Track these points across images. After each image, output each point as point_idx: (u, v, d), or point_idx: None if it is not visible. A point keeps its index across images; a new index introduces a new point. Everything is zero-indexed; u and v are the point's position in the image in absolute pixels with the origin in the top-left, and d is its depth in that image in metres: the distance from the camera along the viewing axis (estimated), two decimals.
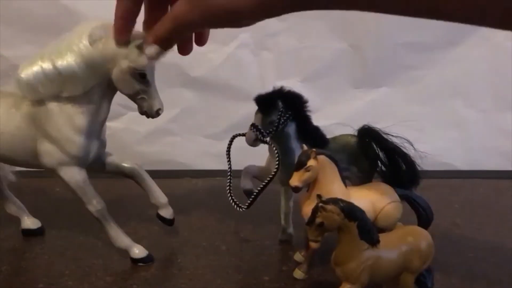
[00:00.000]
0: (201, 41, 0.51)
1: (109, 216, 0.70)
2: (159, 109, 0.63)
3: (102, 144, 0.70)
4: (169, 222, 0.76)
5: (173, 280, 0.70)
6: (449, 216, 0.91)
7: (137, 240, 0.75)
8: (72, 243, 0.79)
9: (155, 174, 0.76)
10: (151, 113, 0.64)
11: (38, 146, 0.66)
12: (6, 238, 0.81)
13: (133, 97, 0.63)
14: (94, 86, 0.63)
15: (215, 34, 1.18)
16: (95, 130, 0.66)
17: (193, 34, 0.49)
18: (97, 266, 0.72)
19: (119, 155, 0.73)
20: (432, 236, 0.61)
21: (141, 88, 0.62)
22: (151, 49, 0.47)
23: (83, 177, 0.67)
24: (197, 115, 1.20)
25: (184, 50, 0.51)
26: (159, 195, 0.74)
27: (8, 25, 1.07)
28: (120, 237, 0.71)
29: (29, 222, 0.82)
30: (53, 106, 0.64)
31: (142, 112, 0.64)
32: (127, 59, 0.59)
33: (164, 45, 0.46)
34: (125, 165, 0.72)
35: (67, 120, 0.64)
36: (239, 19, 0.39)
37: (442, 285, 0.67)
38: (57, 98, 0.63)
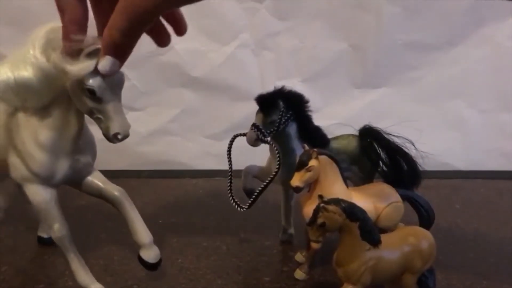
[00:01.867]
0: (179, 30, 0.45)
1: (70, 245, 0.62)
2: (117, 133, 0.52)
3: (79, 163, 0.60)
4: (150, 266, 0.61)
5: (174, 280, 0.70)
6: (450, 217, 0.91)
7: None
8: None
9: (156, 174, 0.76)
10: (108, 137, 0.52)
11: (8, 158, 0.60)
12: (6, 238, 0.81)
13: (89, 115, 0.53)
14: (55, 100, 0.55)
15: (215, 34, 1.18)
16: (62, 147, 0.57)
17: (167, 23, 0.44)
18: (98, 267, 0.72)
19: (120, 155, 0.72)
20: (433, 237, 0.60)
21: (94, 107, 0.51)
22: (104, 64, 0.40)
23: (46, 198, 0.59)
24: (197, 115, 1.20)
25: (161, 41, 0.45)
26: (142, 232, 0.61)
27: (8, 24, 1.07)
28: (80, 272, 0.63)
29: (44, 231, 0.79)
30: (21, 117, 0.58)
31: (103, 133, 0.53)
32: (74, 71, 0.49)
33: (120, 51, 0.39)
34: (108, 190, 0.61)
35: (31, 134, 0.57)
36: None
37: (444, 285, 0.67)
38: (25, 109, 0.57)
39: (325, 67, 1.16)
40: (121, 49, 0.39)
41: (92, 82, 0.48)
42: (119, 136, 0.52)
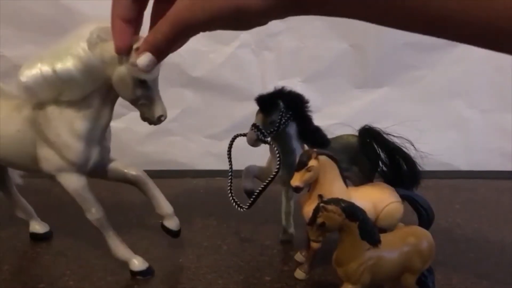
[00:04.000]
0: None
1: (108, 225, 0.67)
2: (161, 115, 0.59)
3: (105, 150, 0.67)
4: (174, 234, 0.71)
5: (174, 280, 0.70)
6: (450, 216, 0.91)
7: (138, 240, 0.75)
8: (73, 243, 0.79)
9: (156, 174, 0.76)
10: (153, 120, 0.60)
11: (37, 151, 0.64)
12: (7, 238, 0.81)
13: (134, 102, 0.60)
14: (94, 91, 0.60)
15: (215, 34, 1.18)
16: (95, 136, 0.63)
17: None
18: (98, 266, 0.72)
19: (120, 155, 0.72)
20: (433, 236, 0.61)
21: (142, 94, 0.58)
22: (143, 60, 0.41)
23: (82, 184, 0.65)
24: (197, 115, 1.20)
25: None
26: (164, 205, 0.69)
27: (8, 24, 1.07)
28: (119, 248, 0.69)
29: (38, 227, 0.81)
30: (52, 110, 0.61)
31: (144, 118, 0.60)
32: (126, 64, 0.55)
33: (160, 53, 0.41)
34: (130, 172, 0.68)
35: (66, 125, 0.61)
36: (249, 19, 0.34)
37: (443, 285, 0.67)
38: (57, 102, 0.61)
39: (325, 67, 1.16)
40: (161, 51, 0.41)
41: (146, 73, 0.50)
42: (163, 118, 0.60)
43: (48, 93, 0.59)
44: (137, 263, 0.69)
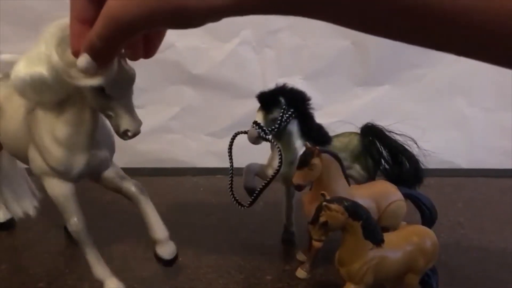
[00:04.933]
0: (147, 52, 0.42)
1: (87, 240, 0.62)
2: (127, 130, 0.51)
3: (96, 158, 0.60)
4: (166, 263, 0.61)
5: (175, 279, 0.69)
6: (452, 215, 0.90)
7: (138, 239, 0.74)
8: (72, 242, 0.78)
9: (156, 172, 0.75)
10: (118, 134, 0.53)
11: (28, 151, 0.61)
12: (6, 236, 0.81)
13: (101, 112, 0.54)
14: (73, 95, 0.54)
15: (216, 31, 1.17)
16: (79, 142, 0.57)
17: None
18: None
19: (120, 153, 0.71)
20: (436, 235, 0.60)
21: (104, 104, 0.51)
22: (80, 61, 0.38)
23: (63, 191, 0.60)
24: (198, 113, 1.19)
25: (134, 55, 0.43)
26: (157, 228, 0.61)
27: (7, 21, 1.06)
28: (96, 265, 0.63)
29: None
30: (39, 113, 0.58)
31: (114, 130, 0.54)
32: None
33: (98, 54, 0.38)
34: (126, 186, 0.63)
35: (49, 129, 0.57)
36: (189, 19, 0.31)
37: (446, 285, 0.66)
38: (43, 105, 0.57)
39: (326, 64, 1.16)
40: (98, 54, 0.38)
41: (101, 80, 0.46)
42: (129, 133, 0.52)
43: (31, 94, 0.55)
44: (112, 286, 0.63)
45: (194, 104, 1.18)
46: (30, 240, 0.80)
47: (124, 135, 0.52)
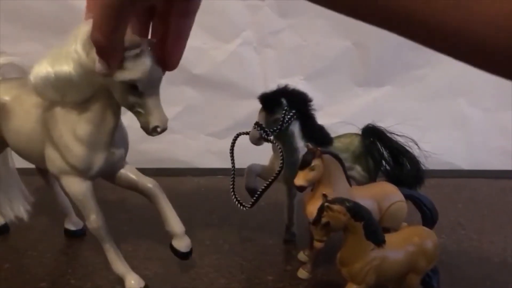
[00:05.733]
0: (166, 64, 0.45)
1: (107, 237, 0.64)
2: (157, 126, 0.53)
3: (114, 156, 0.62)
4: (182, 256, 0.64)
5: (176, 279, 0.70)
6: (452, 216, 0.91)
7: (139, 239, 0.74)
8: (75, 242, 0.79)
9: (157, 173, 0.76)
10: (147, 130, 0.54)
11: (45, 150, 0.62)
12: (8, 237, 0.81)
13: (129, 109, 0.55)
14: (96, 94, 0.56)
15: (217, 31, 1.17)
16: (100, 140, 0.59)
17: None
18: (100, 265, 0.72)
19: None
20: (436, 236, 0.60)
21: (135, 101, 0.53)
22: (98, 68, 0.42)
23: (83, 189, 0.61)
24: (199, 113, 1.19)
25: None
26: (174, 223, 0.63)
27: (9, 22, 1.06)
28: (117, 261, 0.65)
29: (71, 224, 0.81)
30: (59, 111, 0.59)
31: (141, 127, 0.55)
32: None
33: (105, 51, 0.39)
34: (142, 182, 0.64)
35: (70, 128, 0.58)
36: None
37: (447, 285, 0.67)
38: (63, 103, 0.58)
39: (328, 65, 1.16)
40: (104, 51, 0.39)
41: (135, 77, 0.49)
42: (159, 129, 0.53)
43: (52, 93, 0.57)
44: (133, 282, 0.65)
45: (195, 104, 1.18)
46: (32, 240, 0.80)
47: (153, 131, 0.53)
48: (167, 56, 0.43)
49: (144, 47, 0.48)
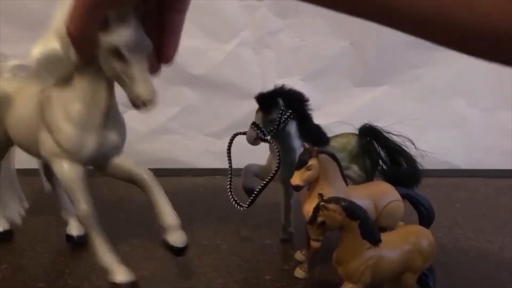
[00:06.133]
0: (162, 56, 0.43)
1: (96, 226, 0.60)
2: (140, 95, 0.50)
3: (107, 141, 0.59)
4: (177, 251, 0.60)
5: (174, 278, 0.70)
6: (450, 215, 0.91)
7: (137, 238, 0.74)
8: (72, 242, 0.79)
9: (155, 173, 0.75)
10: (132, 101, 0.51)
11: (39, 136, 0.60)
12: None
13: (115, 79, 0.53)
14: (85, 70, 0.54)
15: (215, 32, 1.17)
16: (92, 121, 0.57)
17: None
18: (97, 265, 0.71)
19: None
20: (433, 235, 0.60)
21: (120, 69, 0.50)
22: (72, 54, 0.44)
23: (73, 174, 0.58)
24: (197, 113, 1.20)
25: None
26: (168, 215, 0.60)
27: (8, 22, 1.07)
28: (101, 253, 0.61)
29: (74, 229, 0.78)
30: (53, 92, 0.58)
31: (129, 99, 0.52)
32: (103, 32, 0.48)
33: (77, 43, 0.40)
34: (136, 171, 0.61)
35: (62, 107, 0.57)
36: None
37: (444, 284, 0.67)
38: (58, 84, 0.57)
39: (325, 65, 1.16)
40: (77, 43, 0.40)
41: (118, 42, 0.48)
42: (143, 98, 0.50)
43: (46, 74, 0.55)
44: (119, 276, 0.60)
45: (194, 105, 1.19)
46: (30, 240, 0.80)
47: (136, 99, 0.50)
48: (163, 48, 0.43)
49: (130, 9, 0.47)
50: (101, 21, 0.39)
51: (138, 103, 0.50)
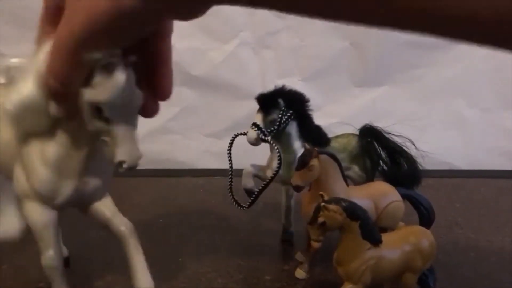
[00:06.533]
0: (159, 93, 0.39)
1: (61, 278, 0.56)
2: (123, 161, 0.43)
3: (88, 187, 0.53)
4: None
5: (174, 279, 0.70)
6: (450, 216, 0.91)
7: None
8: (72, 242, 0.79)
9: (156, 173, 0.76)
10: (112, 164, 0.44)
11: (14, 169, 0.54)
12: None
13: (95, 135, 0.45)
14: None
15: (215, 32, 1.18)
16: (69, 166, 0.50)
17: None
18: (98, 265, 0.72)
19: None
20: (433, 236, 0.60)
21: (102, 128, 0.43)
22: (51, 107, 0.37)
23: (44, 219, 0.54)
24: (197, 114, 1.20)
25: (144, 110, 0.40)
26: (143, 277, 0.55)
27: (9, 22, 1.07)
28: None
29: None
30: None
31: (106, 157, 0.45)
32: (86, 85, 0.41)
33: (59, 96, 0.36)
34: (115, 224, 0.56)
35: (39, 147, 0.50)
36: (133, 20, 0.29)
37: (444, 284, 0.67)
38: (39, 132, 0.50)
39: (325, 65, 1.16)
40: (57, 95, 0.36)
41: (100, 98, 0.40)
42: (125, 165, 0.43)
43: (24, 123, 0.48)
44: None
45: (194, 105, 1.19)
46: (30, 240, 0.80)
47: (118, 166, 0.44)
48: (159, 81, 0.39)
49: (118, 59, 0.39)
50: (85, 71, 0.34)
51: (118, 168, 0.44)
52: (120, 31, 0.31)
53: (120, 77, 0.39)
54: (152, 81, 0.39)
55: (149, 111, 0.42)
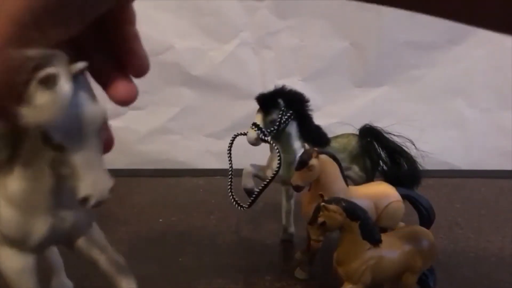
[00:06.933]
0: (134, 68, 0.33)
1: None
2: (87, 197, 0.35)
3: (66, 222, 0.45)
4: None
5: (174, 279, 0.70)
6: (450, 216, 0.91)
7: (137, 238, 0.74)
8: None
9: (156, 173, 0.76)
10: (77, 200, 0.36)
11: None
12: None
13: (51, 167, 0.38)
14: (25, 145, 0.39)
15: (215, 32, 1.18)
16: (37, 202, 0.42)
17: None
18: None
19: (119, 154, 0.71)
20: (434, 236, 0.60)
21: (56, 158, 0.35)
22: None
23: (18, 266, 0.46)
24: (197, 114, 1.20)
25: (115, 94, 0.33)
26: None
27: None
28: None
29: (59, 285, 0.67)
30: None
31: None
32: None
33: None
34: (104, 261, 0.50)
35: (2, 184, 0.43)
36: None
37: (444, 285, 0.67)
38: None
39: (325, 65, 1.16)
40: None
41: (41, 120, 0.30)
42: (91, 201, 0.35)
43: None
44: None
45: (194, 105, 1.19)
46: None
47: (83, 203, 0.35)
48: (133, 57, 0.33)
49: (61, 68, 0.29)
50: (20, 78, 0.27)
51: (82, 203, 0.35)
52: (69, 7, 0.25)
53: (63, 91, 0.29)
54: (125, 60, 0.33)
55: (124, 94, 0.34)
